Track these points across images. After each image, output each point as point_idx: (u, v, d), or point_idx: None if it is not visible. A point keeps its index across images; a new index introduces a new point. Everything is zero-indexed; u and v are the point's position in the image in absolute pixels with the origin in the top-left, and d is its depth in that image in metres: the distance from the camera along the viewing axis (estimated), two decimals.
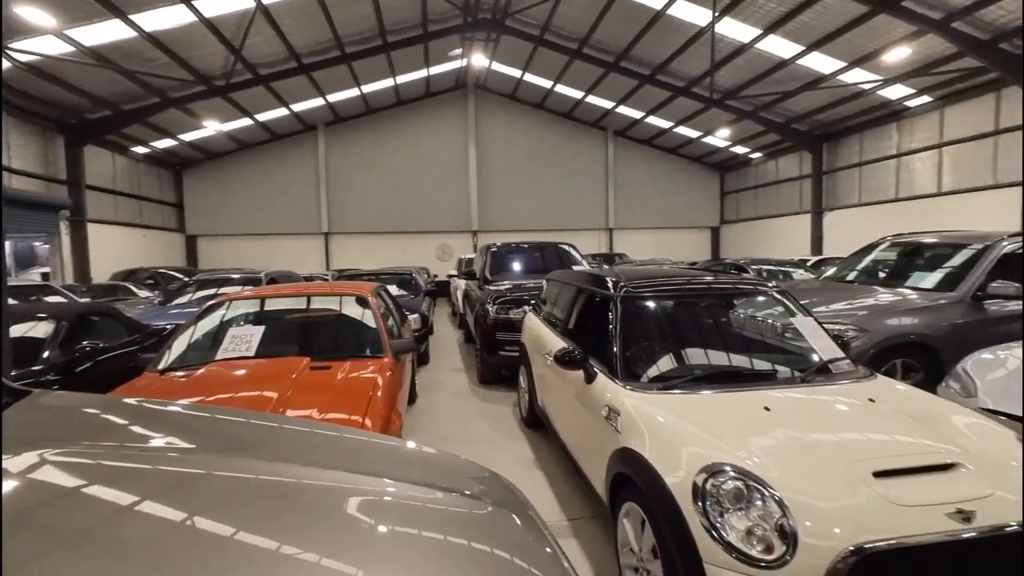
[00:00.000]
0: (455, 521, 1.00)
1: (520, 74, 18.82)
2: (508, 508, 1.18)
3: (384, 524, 0.97)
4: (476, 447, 4.19)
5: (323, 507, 0.99)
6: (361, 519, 0.99)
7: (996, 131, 12.09)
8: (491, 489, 1.22)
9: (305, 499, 1.03)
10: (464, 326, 9.27)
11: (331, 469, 1.23)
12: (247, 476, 1.10)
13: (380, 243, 21.03)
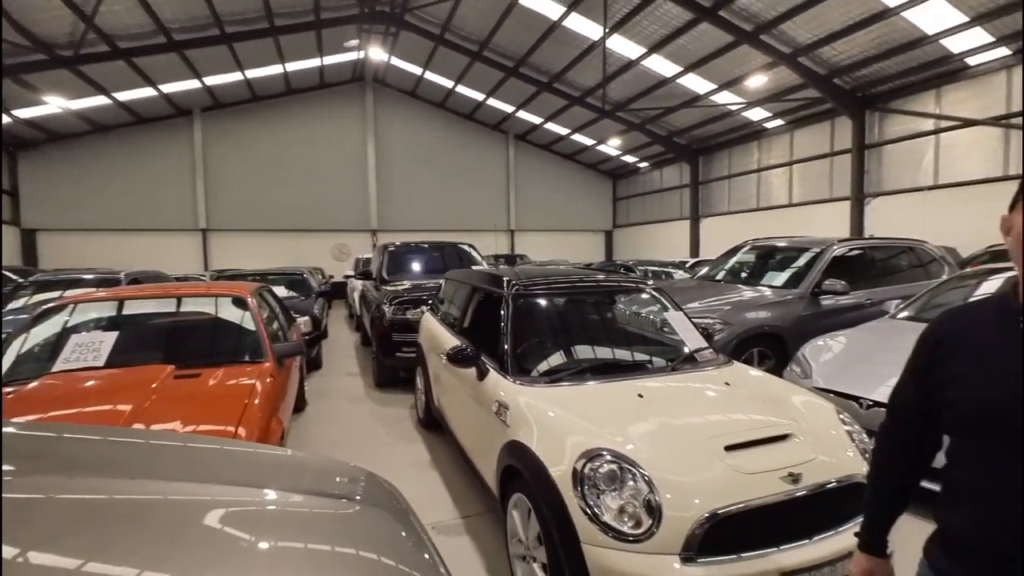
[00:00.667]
0: (319, 524, 0.96)
1: (421, 72, 18.56)
2: (381, 507, 1.16)
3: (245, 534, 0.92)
4: (369, 452, 4.05)
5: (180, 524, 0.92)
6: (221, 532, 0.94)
7: (832, 153, 14.24)
8: (363, 489, 1.19)
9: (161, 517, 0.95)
10: (361, 329, 8.93)
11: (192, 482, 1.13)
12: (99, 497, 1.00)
13: (269, 242, 19.54)
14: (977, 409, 0.95)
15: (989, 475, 0.94)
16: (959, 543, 0.99)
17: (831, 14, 10.55)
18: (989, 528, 0.93)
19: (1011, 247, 0.93)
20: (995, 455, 0.92)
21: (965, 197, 11.28)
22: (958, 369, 0.99)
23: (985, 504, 0.94)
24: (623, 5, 12.13)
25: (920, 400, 1.08)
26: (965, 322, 1.03)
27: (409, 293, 6.13)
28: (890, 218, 12.57)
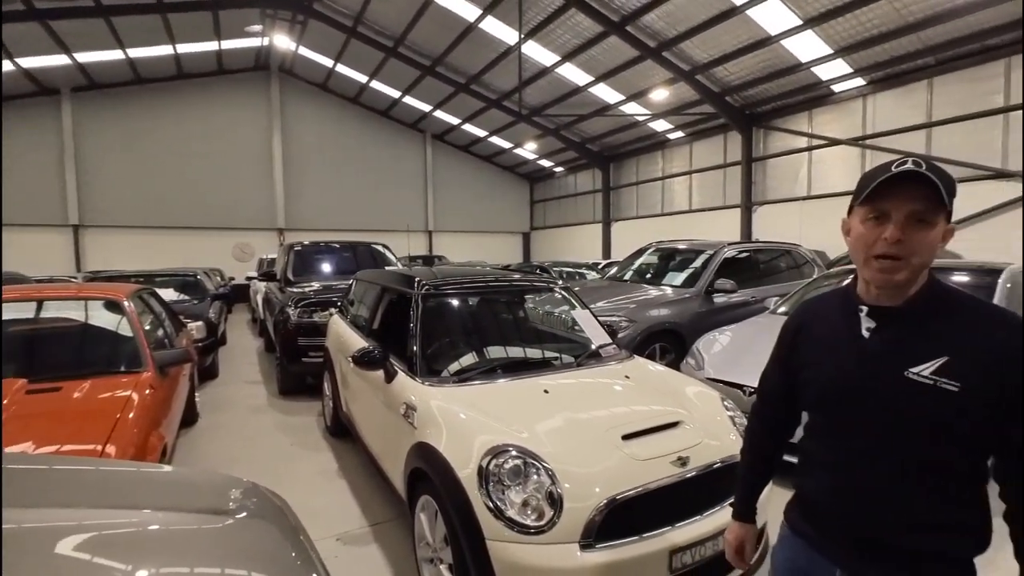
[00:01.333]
0: (187, 542, 0.88)
1: (332, 64, 17.75)
2: (265, 520, 1.08)
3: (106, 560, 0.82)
4: (270, 464, 3.80)
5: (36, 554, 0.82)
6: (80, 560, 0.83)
7: (725, 164, 15.58)
8: (243, 502, 1.11)
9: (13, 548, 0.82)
10: (265, 334, 8.35)
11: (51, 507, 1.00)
12: None
13: (160, 240, 17.68)
14: (825, 389, 1.08)
15: (835, 446, 1.07)
16: (813, 506, 1.13)
17: (724, 37, 11.55)
18: (835, 491, 1.06)
19: (850, 246, 1.06)
20: (839, 429, 1.06)
21: (832, 207, 12.85)
22: (811, 354, 1.13)
23: (832, 471, 1.07)
24: (537, 12, 12.43)
25: (783, 383, 1.21)
26: (817, 312, 1.17)
27: (317, 295, 5.84)
28: (773, 224, 14.01)
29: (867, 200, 0.97)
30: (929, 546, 0.97)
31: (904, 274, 0.96)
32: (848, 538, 1.04)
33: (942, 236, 0.96)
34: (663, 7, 11.07)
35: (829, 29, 10.52)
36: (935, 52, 10.44)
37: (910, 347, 0.98)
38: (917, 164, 0.93)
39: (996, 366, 0.91)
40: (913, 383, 0.95)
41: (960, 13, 9.26)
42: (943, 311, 0.99)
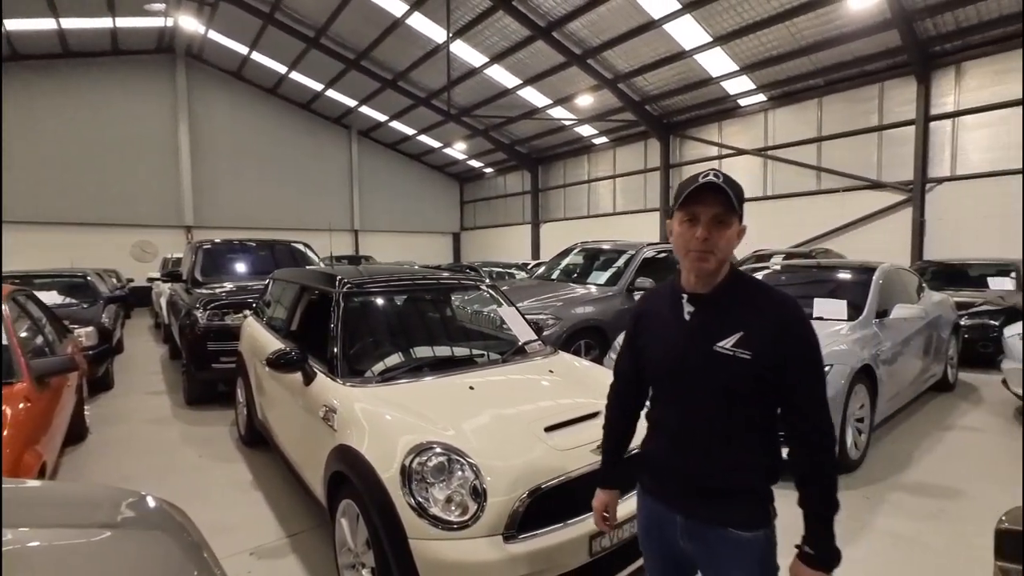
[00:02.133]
0: (64, 558, 0.79)
1: (247, 51, 16.65)
2: (159, 530, 1.00)
3: None
4: (174, 479, 3.50)
5: None
6: None
7: (645, 169, 16.40)
8: (133, 513, 1.01)
9: None
10: (170, 340, 7.66)
11: None
12: None
13: (42, 238, 15.64)
14: (659, 364, 1.30)
15: (669, 412, 1.29)
16: (656, 464, 1.33)
17: (643, 49, 12.16)
18: (671, 448, 1.28)
19: (673, 244, 1.24)
20: (672, 397, 1.29)
21: None
22: (649, 336, 1.35)
23: (669, 432, 1.29)
24: (466, 12, 12.42)
25: (631, 363, 1.42)
26: (653, 302, 1.38)
27: (231, 296, 5.47)
28: None
29: (682, 206, 1.18)
30: (739, 483, 1.21)
31: (712, 264, 1.18)
32: (682, 486, 1.26)
33: (737, 234, 1.20)
34: (587, 16, 11.46)
35: (736, 47, 11.40)
36: (824, 74, 11.63)
37: (716, 326, 1.20)
38: (716, 177, 1.16)
39: (776, 337, 1.15)
40: (719, 355, 1.17)
41: (844, 40, 10.39)
42: (739, 295, 1.22)
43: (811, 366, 1.18)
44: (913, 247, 10.76)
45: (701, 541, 1.24)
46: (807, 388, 1.17)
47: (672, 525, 1.28)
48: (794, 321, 1.17)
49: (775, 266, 5.76)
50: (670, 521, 1.28)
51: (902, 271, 5.20)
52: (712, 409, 1.20)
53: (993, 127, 9.92)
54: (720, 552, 1.22)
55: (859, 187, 11.69)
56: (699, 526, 1.23)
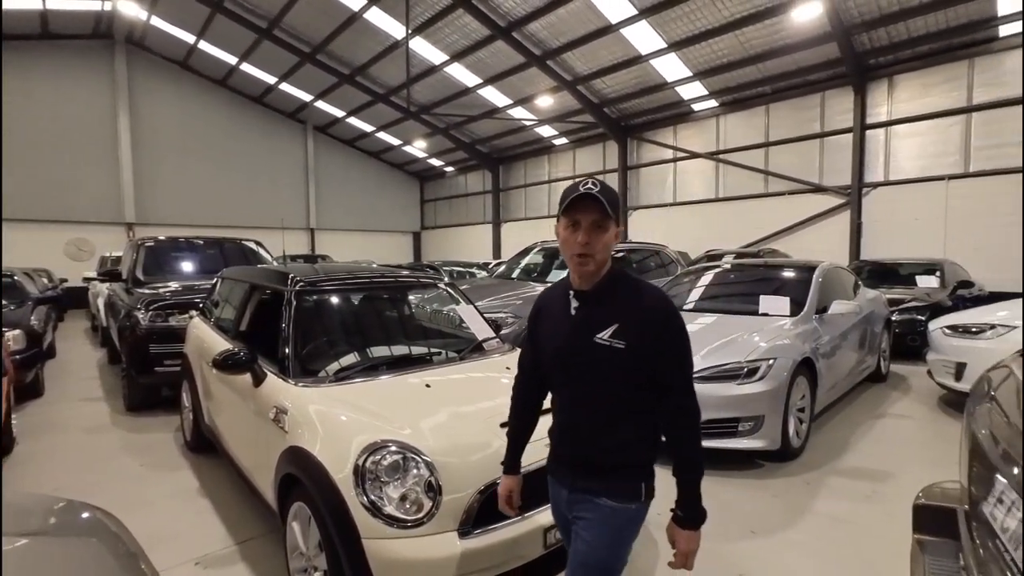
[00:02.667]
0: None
1: (195, 40, 15.89)
2: (90, 538, 0.95)
3: None
4: (113, 489, 3.31)
5: None
6: None
7: (604, 171, 16.70)
8: (59, 521, 0.96)
9: None
10: (108, 343, 7.23)
11: None
12: None
13: None
14: (552, 356, 1.41)
15: (562, 399, 1.44)
16: (556, 445, 1.46)
17: (601, 52, 12.38)
18: (563, 431, 1.43)
19: (560, 247, 1.36)
20: (564, 385, 1.42)
21: (694, 212, 14.42)
22: (544, 331, 1.46)
23: (561, 416, 1.44)
24: (425, 9, 12.29)
25: (531, 356, 1.54)
26: (548, 299, 1.50)
27: (176, 296, 5.21)
28: (646, 227, 15.32)
29: (565, 213, 1.31)
30: (618, 461, 1.35)
31: (592, 266, 1.31)
32: (571, 464, 1.40)
33: (614, 236, 1.32)
34: (546, 18, 11.58)
35: (689, 54, 11.79)
36: (771, 82, 12.19)
37: (596, 319, 1.32)
38: (594, 185, 1.28)
39: (647, 328, 1.29)
40: (599, 345, 1.30)
41: (789, 51, 10.92)
42: (618, 292, 1.35)
43: (678, 353, 1.33)
44: (851, 247, 11.43)
45: (579, 510, 1.38)
46: (675, 372, 1.32)
47: (561, 499, 1.44)
48: (664, 314, 1.31)
49: (725, 264, 6.00)
50: (560, 497, 1.44)
51: (840, 270, 5.52)
52: (595, 395, 1.34)
53: (921, 136, 10.67)
54: (587, 518, 1.35)
55: (803, 190, 12.32)
56: (579, 497, 1.37)
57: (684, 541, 1.34)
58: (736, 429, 3.50)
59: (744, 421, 3.49)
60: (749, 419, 3.49)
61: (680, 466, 1.34)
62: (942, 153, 10.38)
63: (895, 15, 9.49)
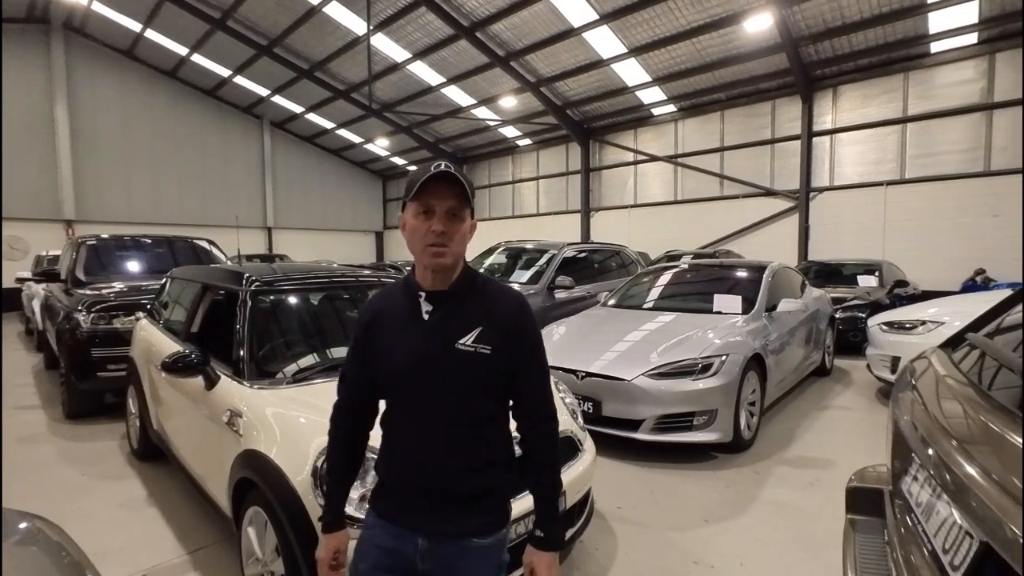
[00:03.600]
0: None
1: (141, 28, 15.11)
2: (28, 546, 0.91)
3: None
4: (52, 501, 3.12)
5: None
6: None
7: (567, 172, 16.93)
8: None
9: None
10: (45, 347, 6.80)
11: None
12: None
13: None
14: (398, 369, 1.18)
15: (412, 420, 1.18)
16: (399, 483, 1.20)
17: (563, 55, 12.55)
18: (416, 459, 1.17)
19: (407, 239, 1.17)
20: (414, 403, 1.17)
21: (654, 214, 14.81)
22: (383, 343, 1.21)
23: (413, 443, 1.18)
24: (387, 6, 12.13)
25: (362, 372, 1.26)
26: (384, 306, 1.25)
27: (121, 297, 4.96)
28: (608, 228, 15.63)
29: (416, 197, 1.12)
30: (484, 484, 1.18)
31: (449, 258, 1.13)
32: (428, 501, 1.16)
33: (471, 229, 1.19)
34: (510, 19, 11.63)
35: (649, 60, 12.10)
36: (725, 89, 12.66)
37: (456, 323, 1.16)
38: (448, 167, 1.11)
39: (509, 331, 1.17)
40: (463, 351, 1.14)
41: (742, 59, 11.37)
42: (475, 291, 1.20)
43: (538, 357, 1.23)
44: (800, 248, 12.02)
45: (442, 558, 1.16)
46: (535, 377, 1.22)
47: (410, 549, 1.16)
48: (526, 315, 1.21)
49: (683, 264, 6.20)
50: (408, 546, 1.16)
51: (788, 270, 5.81)
52: (454, 408, 1.15)
53: (862, 144, 11.33)
54: (460, 566, 1.16)
55: (756, 194, 12.86)
56: (441, 544, 1.15)
57: (545, 567, 1.17)
58: (692, 423, 3.63)
59: (699, 415, 3.62)
60: (704, 413, 3.62)
61: (541, 481, 1.21)
62: (881, 160, 11.05)
63: (838, 29, 10.04)
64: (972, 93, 9.88)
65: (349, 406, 1.30)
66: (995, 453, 0.86)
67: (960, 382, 1.13)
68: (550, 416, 1.24)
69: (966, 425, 0.99)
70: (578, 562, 2.49)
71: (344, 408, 1.31)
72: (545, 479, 1.22)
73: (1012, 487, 0.75)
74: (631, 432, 3.66)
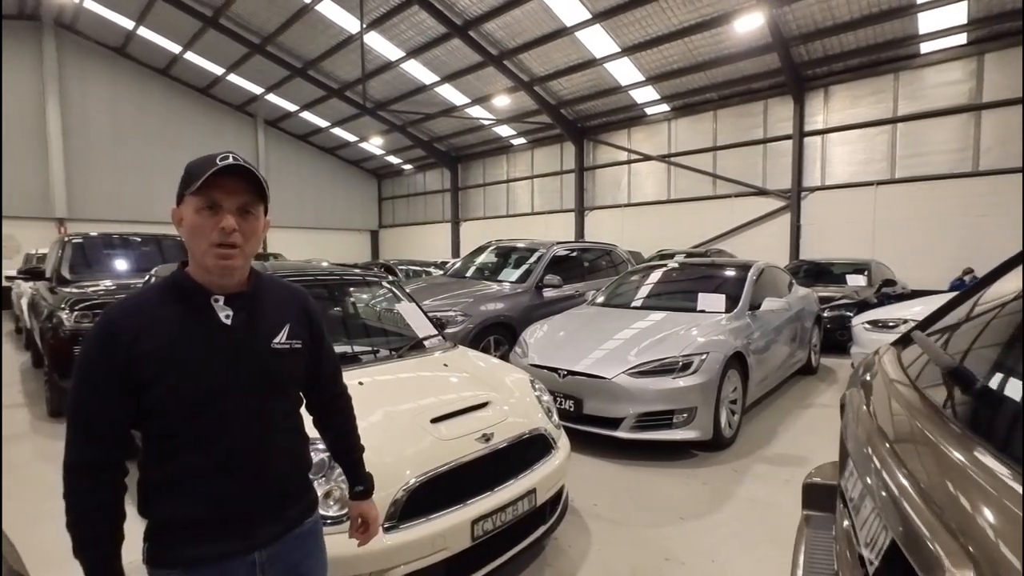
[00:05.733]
0: None
1: (133, 26, 15.07)
2: None
3: None
4: (21, 499, 3.11)
5: None
6: None
7: (561, 171, 16.94)
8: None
9: None
10: (32, 345, 6.78)
11: None
12: None
13: None
14: (195, 390, 1.01)
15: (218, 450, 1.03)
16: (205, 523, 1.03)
17: (556, 54, 12.55)
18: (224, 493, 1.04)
19: (186, 236, 1.03)
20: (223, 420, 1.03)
21: (647, 213, 14.84)
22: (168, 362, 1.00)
23: (215, 476, 1.03)
24: (380, 4, 12.12)
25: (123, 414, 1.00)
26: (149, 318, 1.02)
27: (106, 295, 4.96)
28: (601, 227, 15.65)
29: (199, 192, 0.99)
30: (301, 477, 1.21)
31: (240, 259, 1.04)
32: (261, 512, 1.09)
33: (264, 227, 1.11)
34: (502, 18, 11.64)
35: (642, 59, 12.12)
36: (718, 89, 12.69)
37: (265, 323, 1.12)
38: (237, 159, 1.03)
39: (307, 323, 1.22)
40: (278, 350, 1.12)
41: (733, 59, 11.40)
42: (269, 290, 1.17)
43: (328, 340, 1.31)
44: (791, 248, 12.07)
45: (282, 560, 1.13)
46: (332, 359, 1.33)
47: (245, 571, 1.08)
48: (313, 304, 1.27)
49: (673, 264, 6.20)
50: (242, 569, 1.07)
51: (774, 269, 5.83)
52: (269, 412, 1.10)
53: (853, 144, 11.38)
54: (297, 557, 1.17)
55: (748, 193, 12.90)
56: (278, 546, 1.12)
57: (373, 509, 1.41)
58: (671, 421, 3.64)
59: (678, 413, 3.64)
60: (683, 411, 3.64)
61: (354, 445, 1.42)
62: (871, 160, 11.10)
63: (829, 29, 10.07)
64: (961, 94, 9.93)
65: (105, 461, 0.99)
66: (917, 452, 0.88)
67: (899, 380, 1.15)
68: (345, 387, 1.40)
69: (897, 421, 1.00)
70: (550, 559, 2.50)
71: (97, 466, 0.98)
72: (356, 442, 1.41)
73: (922, 485, 0.76)
74: (611, 430, 3.68)
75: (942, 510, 0.68)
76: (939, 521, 0.66)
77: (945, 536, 0.63)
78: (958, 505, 0.67)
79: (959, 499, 0.68)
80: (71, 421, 1.00)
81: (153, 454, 1.04)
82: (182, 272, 1.07)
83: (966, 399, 0.90)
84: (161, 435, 1.03)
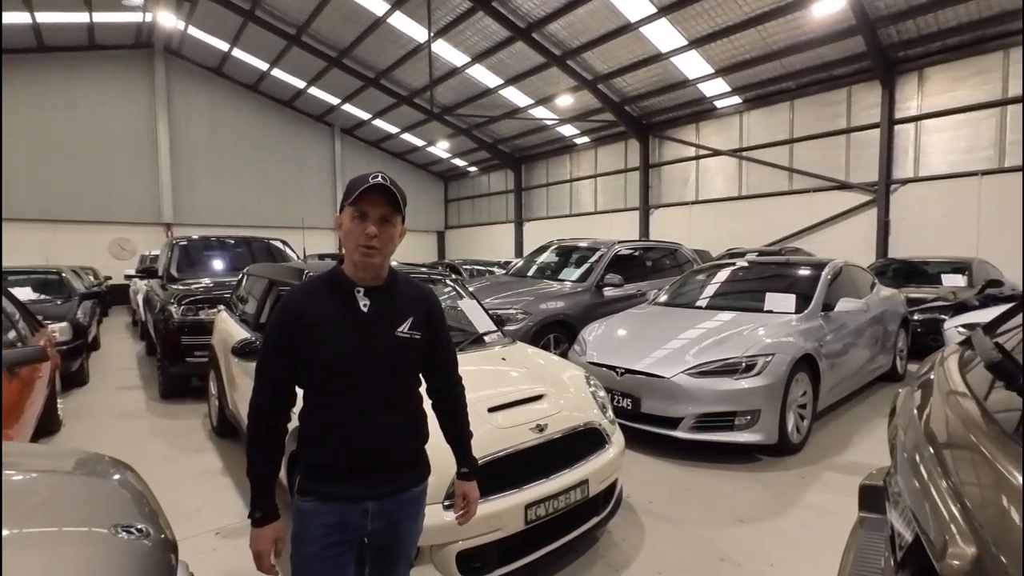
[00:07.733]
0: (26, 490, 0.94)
1: (228, 48, 16.58)
2: (108, 477, 1.15)
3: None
4: (143, 467, 3.58)
5: None
6: None
7: (625, 169, 16.66)
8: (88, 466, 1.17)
9: None
10: (146, 336, 7.70)
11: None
12: None
13: (12, 234, 15.42)
14: (334, 361, 1.27)
15: (349, 407, 1.29)
16: (332, 469, 1.29)
17: (620, 51, 12.39)
18: (354, 448, 1.29)
19: (343, 238, 1.32)
20: (352, 391, 1.28)
21: (716, 210, 14.26)
22: (320, 336, 1.27)
23: (349, 432, 1.29)
24: (446, 12, 12.54)
25: (288, 372, 1.30)
26: (312, 302, 1.31)
27: (207, 292, 5.56)
28: (667, 226, 15.23)
29: (354, 203, 1.28)
30: (419, 447, 1.44)
31: (379, 259, 1.31)
32: (376, 470, 1.32)
33: (400, 234, 1.35)
34: (565, 18, 11.66)
35: (710, 51, 11.68)
36: (794, 78, 11.97)
37: (394, 314, 1.36)
38: (384, 179, 1.29)
39: (428, 318, 1.41)
40: (401, 338, 1.35)
41: (812, 46, 10.71)
42: (401, 286, 1.41)
43: (448, 336, 1.51)
44: (878, 245, 11.15)
45: (387, 515, 1.34)
46: (449, 352, 1.52)
47: (358, 516, 1.30)
48: (437, 303, 1.47)
49: (741, 262, 5.97)
50: (355, 514, 1.30)
51: (854, 268, 5.47)
52: (395, 389, 1.36)
53: (952, 131, 10.33)
54: (399, 516, 1.38)
55: (828, 188, 12.06)
56: (387, 502, 1.33)
57: (474, 491, 1.55)
58: (733, 423, 3.56)
59: (741, 415, 3.55)
60: (746, 413, 3.54)
61: (464, 432, 1.56)
62: (974, 148, 10.03)
63: (924, 6, 9.23)
64: None
65: (275, 407, 1.31)
66: (952, 452, 0.88)
67: (953, 381, 1.13)
68: (460, 379, 1.55)
69: (940, 419, 1.00)
70: (603, 550, 2.56)
71: (268, 410, 1.31)
72: (466, 429, 1.56)
73: (949, 486, 0.77)
74: (669, 430, 3.65)
75: (966, 509, 0.69)
76: (960, 515, 0.68)
77: (960, 524, 0.66)
78: (980, 500, 0.68)
79: (983, 496, 0.69)
80: (256, 376, 1.35)
81: (306, 410, 1.35)
82: (338, 268, 1.37)
83: (1007, 395, 0.89)
84: (310, 394, 1.33)
